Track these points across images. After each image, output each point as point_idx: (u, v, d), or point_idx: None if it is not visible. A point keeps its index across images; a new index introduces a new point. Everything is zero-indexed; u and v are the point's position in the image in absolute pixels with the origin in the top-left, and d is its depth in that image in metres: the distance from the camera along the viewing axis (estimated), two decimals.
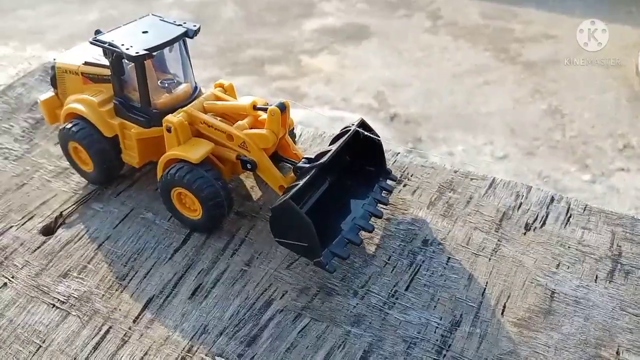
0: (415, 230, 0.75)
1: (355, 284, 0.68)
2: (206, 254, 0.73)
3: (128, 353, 0.62)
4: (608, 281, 0.68)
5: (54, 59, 0.84)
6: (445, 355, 0.61)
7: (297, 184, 0.67)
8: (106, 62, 0.76)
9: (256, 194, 0.83)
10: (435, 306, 0.65)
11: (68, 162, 0.84)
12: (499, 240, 0.73)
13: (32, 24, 3.19)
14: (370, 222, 0.71)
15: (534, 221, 0.75)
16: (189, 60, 0.79)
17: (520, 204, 0.78)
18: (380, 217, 0.73)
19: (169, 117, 0.73)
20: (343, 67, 2.80)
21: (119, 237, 0.76)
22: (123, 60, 0.73)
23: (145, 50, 0.70)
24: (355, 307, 0.66)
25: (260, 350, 0.62)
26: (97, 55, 0.79)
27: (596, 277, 0.68)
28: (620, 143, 2.26)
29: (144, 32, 0.74)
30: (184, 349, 0.62)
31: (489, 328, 0.63)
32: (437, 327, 0.63)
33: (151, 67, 0.76)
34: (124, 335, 0.64)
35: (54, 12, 3.30)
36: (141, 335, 0.64)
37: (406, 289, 0.67)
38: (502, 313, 0.64)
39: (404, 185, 0.82)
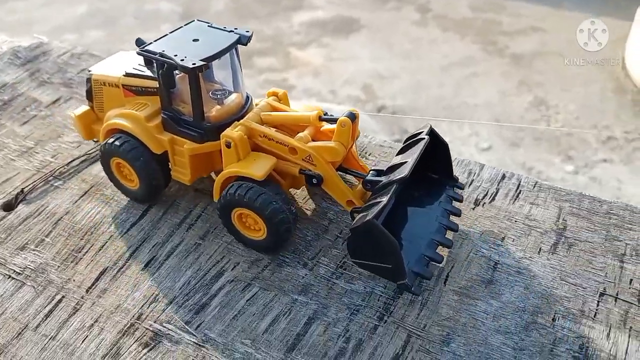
0: None
1: (306, 256, 0.71)
2: (162, 229, 0.75)
3: (79, 320, 0.64)
4: (551, 253, 0.70)
5: (89, 71, 0.79)
6: (386, 321, 0.63)
7: (379, 201, 0.60)
8: (149, 73, 0.73)
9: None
10: (376, 277, 0.68)
11: (108, 179, 0.79)
12: None
13: (22, 16, 3.21)
14: (446, 236, 0.66)
15: (484, 197, 0.78)
16: (240, 68, 0.74)
17: (472, 180, 0.80)
18: (456, 231, 0.68)
19: (228, 131, 0.68)
20: (331, 60, 2.82)
21: (77, 212, 0.78)
22: (175, 72, 0.68)
23: (202, 60, 0.64)
24: (304, 277, 0.68)
25: (208, 317, 0.64)
26: (137, 65, 0.75)
27: (540, 250, 0.70)
28: (604, 134, 2.28)
29: (194, 41, 0.69)
30: (133, 316, 0.64)
31: (431, 296, 0.65)
32: (380, 296, 0.66)
33: (201, 77, 0.71)
34: (76, 304, 0.66)
35: (44, 4, 3.32)
36: (93, 304, 0.66)
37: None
38: (444, 282, 0.67)
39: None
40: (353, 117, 0.68)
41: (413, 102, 2.57)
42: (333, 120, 0.70)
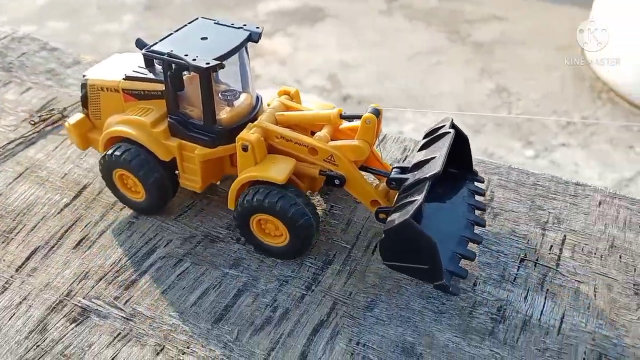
0: None
1: (239, 232, 0.72)
2: (96, 208, 0.76)
3: (7, 299, 0.64)
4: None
5: (84, 76, 0.74)
6: (313, 290, 0.65)
7: (413, 200, 0.58)
8: (151, 75, 0.69)
9: None
10: (311, 249, 0.69)
11: (111, 192, 0.74)
12: None
13: None
14: (475, 232, 0.65)
15: None
16: (249, 68, 0.70)
17: (406, 156, 0.83)
18: (483, 226, 0.66)
19: (244, 134, 0.65)
20: (297, 49, 2.82)
21: (11, 194, 0.77)
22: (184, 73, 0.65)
23: (215, 59, 0.61)
24: (236, 252, 0.69)
25: (137, 293, 0.65)
26: (136, 67, 0.71)
27: None
28: (564, 120, 2.35)
29: (202, 39, 0.66)
30: (62, 293, 0.65)
31: (358, 266, 0.68)
32: (310, 267, 0.68)
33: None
34: (5, 282, 0.66)
35: None
36: (22, 283, 0.66)
37: None
38: (372, 252, 0.69)
39: None
40: (377, 113, 0.65)
41: (378, 92, 2.60)
42: (354, 118, 0.68)
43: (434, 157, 0.62)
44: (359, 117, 0.66)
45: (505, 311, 0.62)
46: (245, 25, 0.68)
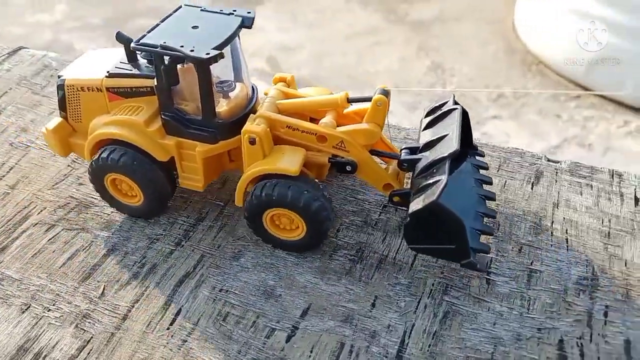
0: None
1: None
2: None
3: None
4: (345, 178, 0.77)
5: (60, 76, 0.69)
6: (183, 246, 0.68)
7: (437, 180, 0.57)
8: (136, 70, 0.65)
9: (34, 126, 0.86)
10: (186, 207, 0.73)
11: (101, 198, 0.71)
12: None
13: None
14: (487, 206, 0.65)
15: None
16: (242, 56, 0.67)
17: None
18: (494, 200, 0.66)
19: (250, 126, 0.63)
20: None
21: None
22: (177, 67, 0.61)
23: (214, 48, 0.58)
24: (109, 215, 0.72)
25: (7, 258, 0.66)
26: (118, 64, 0.67)
27: (336, 175, 0.77)
28: (495, 93, 2.44)
29: (193, 28, 0.62)
30: None
31: (230, 221, 0.71)
32: (182, 224, 0.71)
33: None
34: None
35: None
36: None
37: None
38: None
39: None
40: (387, 94, 0.64)
41: (316, 72, 2.64)
42: (362, 100, 0.66)
43: (447, 135, 0.62)
44: (367, 99, 0.65)
45: (363, 252, 0.67)
46: (235, 10, 0.65)
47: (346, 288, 0.64)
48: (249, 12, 0.65)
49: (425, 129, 0.67)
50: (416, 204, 0.58)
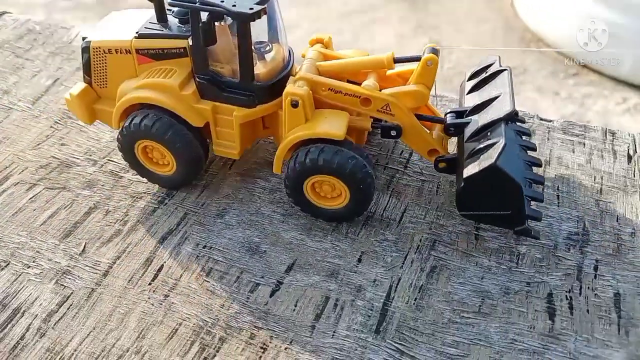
0: None
1: (97, 155, 0.73)
2: None
3: None
4: None
5: (84, 38, 0.65)
6: (166, 204, 0.67)
7: (494, 143, 0.55)
8: (167, 31, 0.61)
9: (16, 89, 0.84)
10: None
11: (130, 166, 0.68)
12: None
13: None
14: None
15: None
16: (280, 17, 0.64)
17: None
18: (540, 166, 0.63)
19: (292, 88, 0.60)
20: None
21: None
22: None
23: (257, 4, 0.55)
24: (91, 174, 0.70)
25: None
26: (147, 24, 0.63)
27: None
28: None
29: None
30: None
31: (214, 179, 0.70)
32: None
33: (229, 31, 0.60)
34: None
35: None
36: None
37: None
38: (230, 167, 0.71)
39: None
40: (437, 53, 0.61)
41: None
42: (411, 60, 0.64)
43: (497, 97, 0.59)
44: (416, 59, 0.62)
45: None
46: None
47: (332, 244, 0.63)
48: None
49: (469, 92, 0.65)
50: (472, 168, 0.55)
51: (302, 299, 0.58)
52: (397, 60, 0.64)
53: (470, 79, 0.67)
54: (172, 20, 0.63)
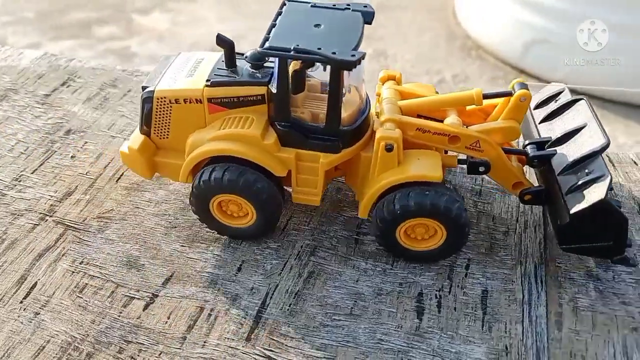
0: (62, 123, 0.80)
1: None
2: None
3: None
4: None
5: (145, 88, 0.62)
6: (47, 221, 0.67)
7: (598, 177, 0.56)
8: (238, 77, 0.59)
9: None
10: (55, 182, 0.71)
11: (201, 221, 0.64)
12: None
13: None
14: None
15: None
16: None
17: None
18: (612, 190, 0.64)
19: (385, 132, 0.59)
20: (177, 24, 2.78)
21: None
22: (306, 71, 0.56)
23: (354, 49, 0.54)
24: None
25: None
26: (216, 71, 0.61)
27: None
28: (436, 78, 2.49)
29: (316, 26, 0.57)
30: None
31: (99, 193, 0.70)
32: (49, 199, 0.69)
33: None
34: None
35: None
36: None
37: (32, 173, 0.73)
38: (117, 181, 0.72)
39: (68, 86, 0.86)
40: (527, 87, 0.61)
41: None
42: (498, 96, 0.64)
43: (582, 127, 0.61)
44: (507, 94, 0.63)
45: None
46: (349, 5, 0.60)
47: (213, 254, 0.63)
48: (365, 6, 0.60)
49: (541, 122, 0.66)
50: (579, 205, 0.56)
51: (176, 311, 0.58)
52: (486, 96, 0.64)
53: (536, 107, 0.69)
54: (242, 65, 0.61)
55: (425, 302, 0.59)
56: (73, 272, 0.61)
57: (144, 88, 0.63)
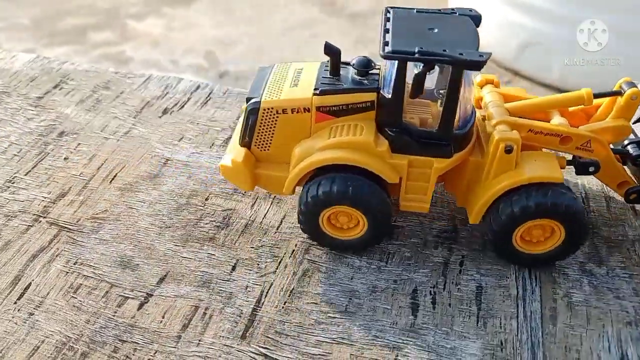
0: (55, 125, 0.80)
1: None
2: None
3: None
4: (222, 146, 0.78)
5: (250, 99, 0.61)
6: (41, 222, 0.67)
7: None
8: (345, 84, 0.58)
9: None
10: (49, 183, 0.71)
11: (308, 236, 0.64)
12: (133, 125, 0.80)
13: None
14: None
15: (174, 106, 0.84)
16: None
17: (167, 93, 0.86)
18: None
19: (504, 134, 0.58)
20: (171, 30, 2.79)
21: None
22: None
23: (477, 51, 0.54)
24: None
25: None
26: (322, 79, 0.60)
27: (212, 144, 0.78)
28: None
29: (430, 30, 0.57)
30: None
31: (93, 194, 0.70)
32: (43, 200, 0.69)
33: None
34: None
35: None
36: None
37: (26, 174, 0.73)
38: (110, 182, 0.72)
39: (60, 89, 0.86)
40: (636, 86, 0.62)
41: (254, 67, 2.63)
42: (607, 95, 0.64)
43: None
44: (615, 93, 0.63)
45: (230, 219, 0.68)
46: (454, 9, 0.61)
47: (208, 254, 0.64)
48: (471, 10, 0.61)
49: (635, 122, 0.65)
50: None
51: (171, 310, 0.58)
52: (596, 95, 0.64)
53: None
54: (344, 73, 0.61)
55: (420, 299, 0.59)
56: (67, 272, 0.61)
57: (248, 100, 0.62)
